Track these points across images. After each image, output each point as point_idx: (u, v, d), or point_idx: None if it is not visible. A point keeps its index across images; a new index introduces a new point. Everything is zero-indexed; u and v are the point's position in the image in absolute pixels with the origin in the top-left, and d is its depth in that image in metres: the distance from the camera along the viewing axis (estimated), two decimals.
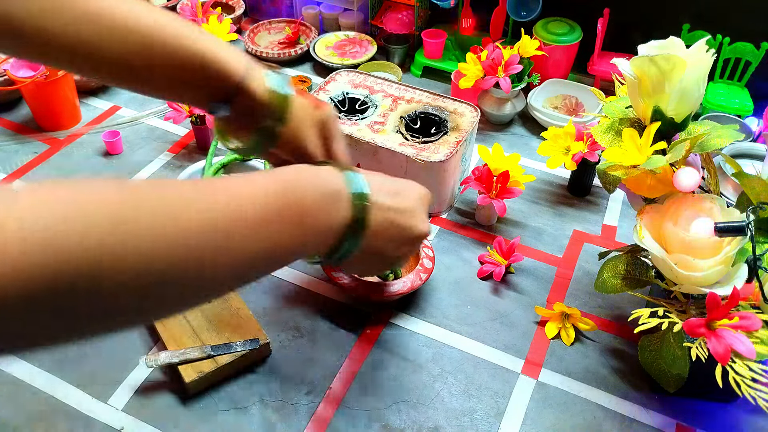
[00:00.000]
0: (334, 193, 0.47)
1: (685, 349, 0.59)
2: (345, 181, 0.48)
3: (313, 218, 0.45)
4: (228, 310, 0.74)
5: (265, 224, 0.41)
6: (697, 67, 0.58)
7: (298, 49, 1.27)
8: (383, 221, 0.51)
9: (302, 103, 0.59)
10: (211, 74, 0.54)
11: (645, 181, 0.63)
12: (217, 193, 0.39)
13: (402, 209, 0.52)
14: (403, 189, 0.54)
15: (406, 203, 0.53)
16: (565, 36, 1.12)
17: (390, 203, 0.52)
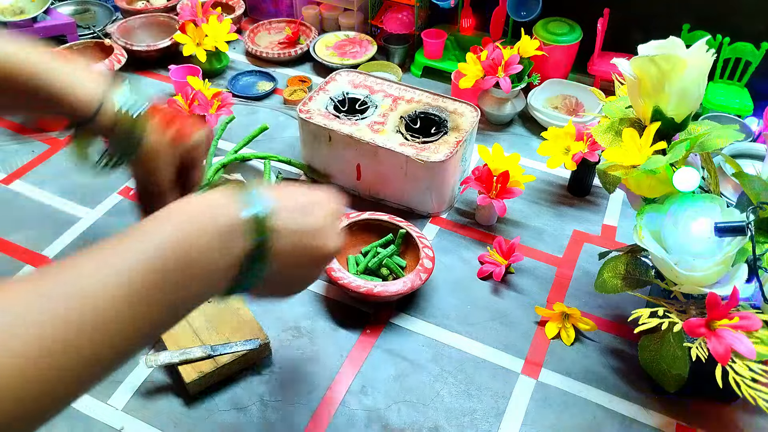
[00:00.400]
0: (228, 228, 0.42)
1: (685, 349, 0.59)
2: (241, 205, 0.44)
3: (203, 268, 0.41)
4: (228, 310, 0.74)
5: (143, 311, 0.37)
6: (697, 67, 0.58)
7: (298, 49, 1.27)
8: (288, 245, 0.46)
9: (158, 132, 0.59)
10: (63, 107, 0.55)
11: (645, 181, 0.63)
12: (70, 300, 0.34)
13: (309, 229, 0.48)
14: (311, 205, 0.49)
15: (313, 222, 0.48)
16: (565, 36, 1.12)
17: (295, 224, 0.47)
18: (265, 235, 0.44)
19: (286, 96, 1.16)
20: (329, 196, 0.52)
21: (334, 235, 0.51)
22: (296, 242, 0.47)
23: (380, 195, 0.94)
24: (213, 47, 1.18)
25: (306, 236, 0.48)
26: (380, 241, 0.83)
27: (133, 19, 1.30)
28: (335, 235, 0.51)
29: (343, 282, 0.75)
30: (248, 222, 0.43)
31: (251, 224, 0.43)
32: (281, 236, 0.45)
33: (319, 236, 0.49)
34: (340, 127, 0.90)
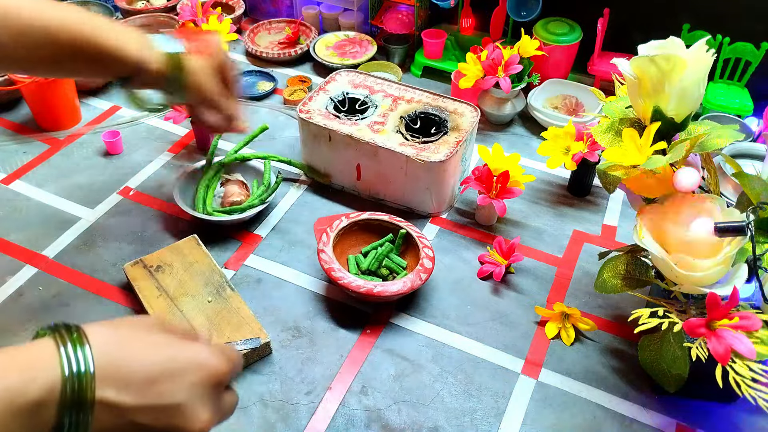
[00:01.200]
0: (34, 405, 0.34)
1: (685, 349, 0.59)
2: (57, 364, 0.35)
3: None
4: (228, 309, 0.74)
5: None
6: (697, 67, 0.58)
7: (298, 49, 1.27)
8: (120, 425, 0.37)
9: (196, 59, 0.69)
10: (110, 59, 0.63)
11: (645, 181, 0.63)
12: None
13: (157, 405, 0.38)
14: (168, 375, 0.39)
15: (165, 397, 0.38)
16: (565, 36, 1.12)
17: (134, 400, 0.37)
18: (84, 410, 0.35)
19: (286, 96, 1.16)
20: (200, 358, 0.41)
21: (202, 409, 0.40)
22: (137, 422, 0.37)
23: (380, 195, 0.94)
24: None
25: (154, 414, 0.38)
26: (380, 241, 0.83)
27: (133, 19, 1.30)
28: (206, 409, 0.40)
29: (343, 282, 0.75)
30: (63, 388, 0.35)
31: (67, 389, 0.35)
32: (110, 414, 0.36)
33: (175, 414, 0.39)
34: (340, 127, 0.90)
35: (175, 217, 0.91)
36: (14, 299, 0.79)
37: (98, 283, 0.81)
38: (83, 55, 0.62)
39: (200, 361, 0.41)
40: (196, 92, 0.70)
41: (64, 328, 0.38)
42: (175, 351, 0.40)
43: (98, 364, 0.36)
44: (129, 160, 1.02)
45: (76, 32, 0.60)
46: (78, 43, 0.60)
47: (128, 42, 0.64)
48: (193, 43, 0.70)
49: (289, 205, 0.94)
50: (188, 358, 0.40)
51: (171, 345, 0.41)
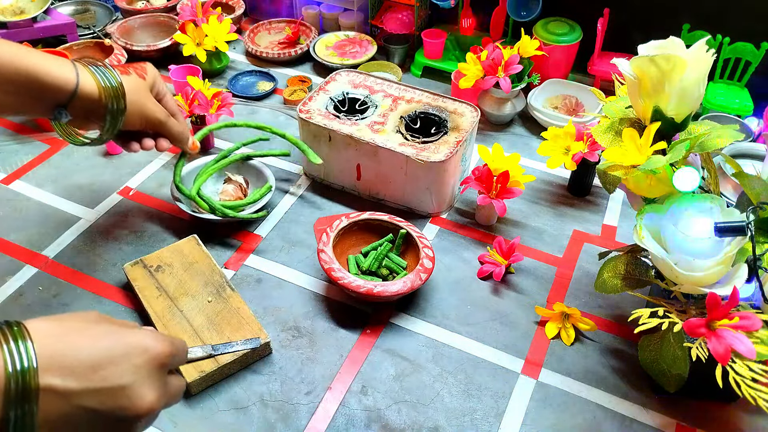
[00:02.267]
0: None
1: (685, 349, 0.59)
2: (2, 368, 0.37)
3: None
4: (229, 309, 0.74)
5: None
6: (697, 67, 0.58)
7: (298, 49, 1.27)
8: (68, 412, 0.38)
9: (132, 83, 0.68)
10: (45, 85, 0.61)
11: (645, 181, 0.63)
12: None
13: (103, 388, 0.39)
14: (112, 358, 0.41)
15: (110, 380, 0.40)
16: (565, 36, 1.12)
17: (79, 385, 0.38)
18: (29, 401, 0.37)
19: (286, 96, 1.16)
20: (143, 342, 0.43)
21: (148, 390, 0.41)
22: (84, 406, 0.39)
23: (380, 195, 0.94)
24: (213, 47, 1.18)
25: (99, 396, 0.39)
26: (380, 241, 0.83)
27: (133, 19, 1.30)
28: (151, 390, 0.42)
29: (343, 282, 0.75)
30: (6, 384, 0.36)
31: (11, 384, 0.36)
32: (57, 400, 0.38)
33: (121, 395, 0.40)
34: (340, 127, 0.90)
35: (175, 217, 0.91)
36: (14, 299, 0.79)
37: (98, 283, 0.81)
38: (16, 86, 0.60)
39: (143, 344, 0.43)
40: (139, 119, 0.69)
41: (5, 325, 0.39)
42: (117, 337, 0.42)
43: (41, 356, 0.38)
44: (129, 160, 1.02)
45: (6, 60, 0.59)
46: (8, 71, 0.59)
47: (62, 66, 0.62)
48: (126, 72, 0.69)
49: (289, 205, 0.94)
50: (131, 342, 0.42)
51: (113, 332, 0.42)
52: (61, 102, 0.63)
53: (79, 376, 0.39)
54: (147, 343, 0.43)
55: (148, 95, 0.70)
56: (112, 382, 0.40)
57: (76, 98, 0.63)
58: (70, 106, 0.64)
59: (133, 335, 0.43)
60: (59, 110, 0.63)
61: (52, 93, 0.62)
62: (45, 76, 0.61)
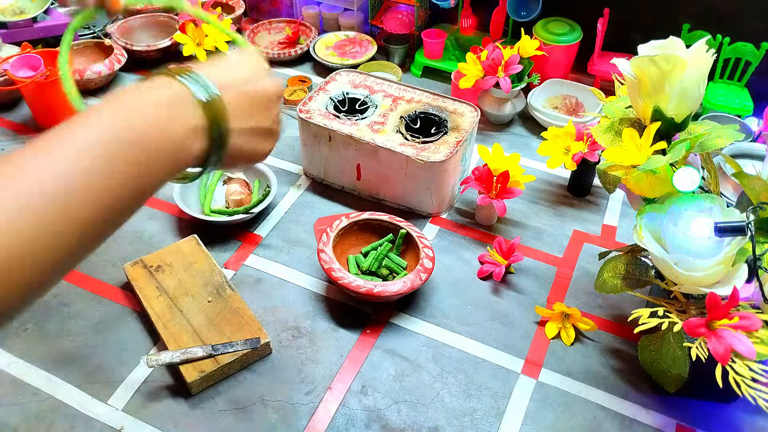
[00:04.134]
0: (174, 100, 0.42)
1: (685, 349, 0.59)
2: (186, 89, 0.43)
3: (156, 138, 0.40)
4: (229, 309, 0.74)
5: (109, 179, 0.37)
6: (697, 67, 0.58)
7: (298, 49, 1.27)
8: (236, 99, 0.46)
9: None
10: None
11: (645, 181, 0.63)
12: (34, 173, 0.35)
13: (245, 79, 0.48)
14: (235, 61, 0.49)
15: (246, 72, 0.48)
16: (565, 36, 1.12)
17: (232, 79, 0.47)
18: (216, 104, 0.43)
19: (286, 96, 1.16)
20: (244, 52, 0.51)
21: (267, 77, 0.50)
22: (242, 94, 0.47)
23: (380, 195, 0.94)
24: (213, 47, 1.18)
25: (245, 86, 0.47)
26: (380, 241, 0.83)
27: (133, 19, 1.30)
28: (269, 77, 0.50)
29: (343, 282, 0.75)
30: (199, 101, 0.43)
31: (203, 103, 0.43)
32: (227, 95, 0.45)
33: (257, 81, 0.49)
34: (340, 127, 0.90)
35: (175, 217, 0.91)
36: None
37: (98, 283, 0.81)
38: None
39: (279, 93, 0.51)
40: None
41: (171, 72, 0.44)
42: (234, 55, 0.50)
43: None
44: None
45: None
46: None
47: None
48: None
49: (289, 205, 0.94)
50: (240, 52, 0.51)
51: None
52: None
53: (228, 74, 0.46)
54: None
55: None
56: (247, 73, 0.48)
57: None
58: None
59: (274, 84, 0.50)
60: None
61: None
62: None
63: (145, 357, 0.68)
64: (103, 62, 1.15)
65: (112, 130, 0.38)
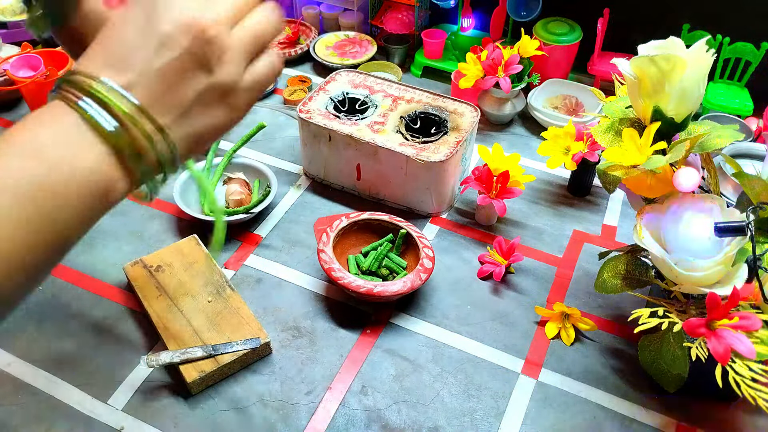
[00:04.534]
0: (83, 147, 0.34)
1: (685, 349, 0.59)
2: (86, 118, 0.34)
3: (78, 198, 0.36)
4: (229, 309, 0.74)
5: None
6: (697, 67, 0.58)
7: (298, 49, 1.27)
8: (155, 84, 0.35)
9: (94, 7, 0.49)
10: None
11: (645, 181, 0.63)
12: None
13: (147, 61, 0.35)
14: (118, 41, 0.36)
15: (140, 52, 0.35)
16: (565, 36, 1.12)
17: (130, 73, 0.35)
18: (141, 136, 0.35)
19: (286, 96, 1.16)
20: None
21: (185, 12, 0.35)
22: (164, 74, 0.35)
23: (380, 195, 0.94)
24: None
25: (160, 56, 0.35)
26: (380, 241, 0.83)
27: None
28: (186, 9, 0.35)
29: (343, 282, 0.75)
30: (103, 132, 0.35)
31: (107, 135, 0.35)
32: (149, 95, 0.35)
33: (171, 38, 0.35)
34: (340, 127, 0.90)
35: (175, 217, 0.91)
36: None
37: (98, 283, 0.81)
38: None
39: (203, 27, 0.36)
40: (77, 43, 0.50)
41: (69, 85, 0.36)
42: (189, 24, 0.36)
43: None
44: None
45: None
46: None
47: None
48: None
49: (289, 205, 0.94)
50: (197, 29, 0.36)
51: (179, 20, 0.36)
52: None
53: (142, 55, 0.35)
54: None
55: None
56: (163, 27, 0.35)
57: None
58: None
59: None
60: None
61: None
62: None
63: (145, 357, 0.68)
64: None
65: (7, 186, 0.32)
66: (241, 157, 0.97)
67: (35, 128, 0.34)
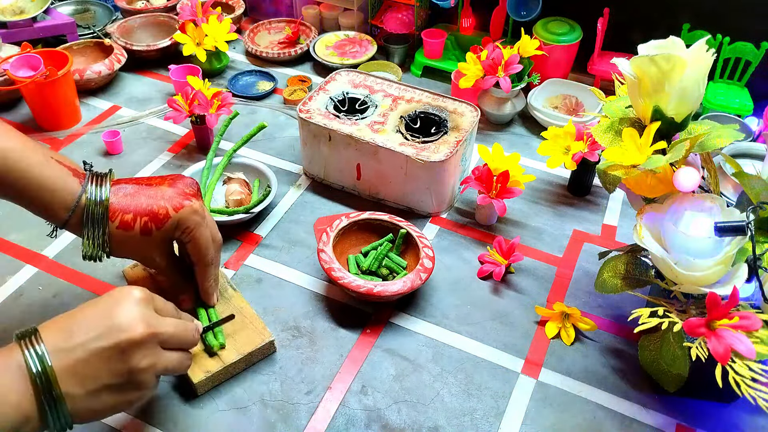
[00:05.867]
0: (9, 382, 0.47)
1: (685, 349, 0.59)
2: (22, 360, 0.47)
3: None
4: (231, 309, 0.74)
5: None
6: (697, 67, 0.58)
7: (298, 49, 1.27)
8: (69, 364, 0.48)
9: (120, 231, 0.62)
10: (43, 207, 0.60)
11: (645, 181, 0.63)
12: None
13: (98, 335, 0.49)
14: (77, 319, 0.51)
15: (85, 333, 0.49)
16: (565, 36, 1.12)
17: (68, 343, 0.49)
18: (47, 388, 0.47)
19: (286, 96, 1.16)
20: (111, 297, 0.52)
21: (130, 325, 0.50)
22: (79, 356, 0.49)
23: (380, 195, 0.94)
24: (213, 47, 1.18)
25: (87, 345, 0.49)
26: (380, 241, 0.83)
27: (133, 19, 1.30)
28: (133, 317, 0.51)
29: (343, 282, 0.75)
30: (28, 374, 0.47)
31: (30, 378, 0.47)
32: (60, 358, 0.48)
33: (110, 335, 0.50)
34: (340, 126, 0.90)
35: None
36: (14, 299, 0.79)
37: (98, 283, 0.81)
38: (19, 196, 0.59)
39: (140, 339, 0.51)
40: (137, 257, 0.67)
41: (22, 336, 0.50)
42: (125, 335, 0.51)
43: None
44: (129, 160, 1.02)
45: (15, 171, 0.58)
46: (14, 184, 0.58)
47: (61, 192, 0.60)
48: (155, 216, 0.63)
49: (289, 205, 0.94)
50: (131, 340, 0.51)
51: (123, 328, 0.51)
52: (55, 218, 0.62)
53: (63, 340, 0.49)
54: (120, 293, 0.53)
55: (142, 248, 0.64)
56: (89, 333, 0.50)
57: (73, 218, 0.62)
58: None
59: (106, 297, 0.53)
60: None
61: (48, 213, 0.61)
62: (43, 200, 0.59)
63: None
64: (103, 62, 1.15)
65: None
66: (241, 156, 0.97)
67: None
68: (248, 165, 0.96)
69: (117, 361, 0.49)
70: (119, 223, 0.61)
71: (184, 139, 1.07)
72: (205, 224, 0.65)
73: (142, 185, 0.64)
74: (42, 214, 0.60)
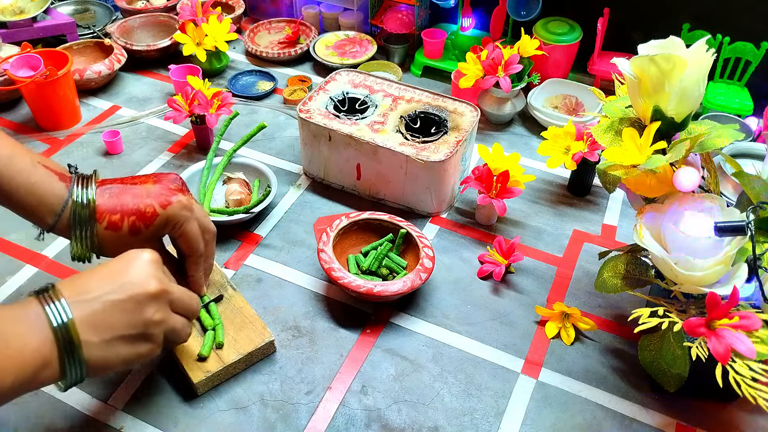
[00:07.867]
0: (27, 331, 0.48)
1: (685, 348, 0.59)
2: (42, 312, 0.49)
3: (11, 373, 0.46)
4: (231, 309, 0.74)
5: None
6: (697, 67, 0.58)
7: (298, 49, 1.27)
8: (88, 313, 0.50)
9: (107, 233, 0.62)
10: (30, 211, 0.60)
11: (645, 181, 0.63)
12: None
13: (114, 288, 0.51)
14: (92, 277, 0.52)
15: (118, 280, 0.52)
16: (565, 36, 1.12)
17: (86, 296, 0.50)
18: (67, 338, 0.48)
19: (286, 96, 1.16)
20: (126, 257, 0.54)
21: (144, 280, 0.53)
22: (106, 308, 0.51)
23: (380, 195, 0.94)
24: (213, 47, 1.18)
25: (113, 295, 0.51)
26: (380, 241, 0.83)
27: (133, 19, 1.30)
28: (146, 279, 0.53)
29: (343, 282, 0.75)
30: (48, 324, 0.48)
31: (51, 328, 0.48)
32: (81, 307, 0.50)
33: (126, 288, 0.52)
34: (340, 126, 0.90)
35: None
36: (14, 299, 0.79)
37: None
38: (7, 199, 0.60)
39: (154, 294, 0.54)
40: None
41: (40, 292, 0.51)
42: (140, 289, 0.53)
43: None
44: (129, 160, 1.02)
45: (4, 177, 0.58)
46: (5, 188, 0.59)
47: (48, 197, 0.60)
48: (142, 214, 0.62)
49: (289, 205, 0.94)
50: (147, 294, 0.54)
51: (139, 282, 0.53)
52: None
53: (84, 292, 0.51)
54: (134, 254, 0.55)
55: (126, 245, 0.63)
56: (112, 284, 0.52)
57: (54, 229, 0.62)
58: None
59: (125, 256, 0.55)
60: None
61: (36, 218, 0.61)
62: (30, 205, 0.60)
63: None
64: (103, 62, 1.15)
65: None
66: (241, 156, 0.97)
67: (3, 312, 0.48)
68: (248, 165, 0.96)
69: (133, 311, 0.52)
70: (107, 224, 0.61)
71: (184, 139, 1.07)
72: (194, 218, 0.66)
73: (127, 184, 0.64)
74: (30, 218, 0.61)
